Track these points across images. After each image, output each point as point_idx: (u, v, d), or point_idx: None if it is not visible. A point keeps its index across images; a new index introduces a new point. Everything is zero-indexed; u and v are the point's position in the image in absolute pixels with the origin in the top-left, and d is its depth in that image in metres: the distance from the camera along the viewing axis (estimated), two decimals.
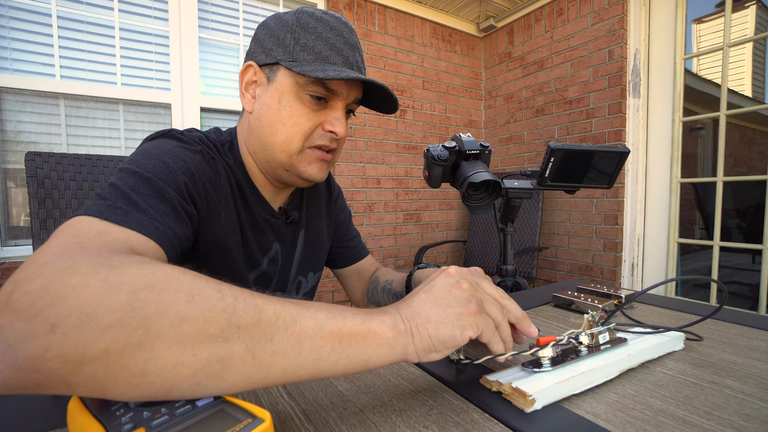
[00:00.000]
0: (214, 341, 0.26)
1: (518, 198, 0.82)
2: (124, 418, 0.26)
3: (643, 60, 2.12)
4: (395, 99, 0.59)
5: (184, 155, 0.52)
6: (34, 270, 0.27)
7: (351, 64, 0.56)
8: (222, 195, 0.57)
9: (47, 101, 1.67)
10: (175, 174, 0.49)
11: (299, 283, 0.72)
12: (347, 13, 2.34)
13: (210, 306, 0.27)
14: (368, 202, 2.45)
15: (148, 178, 0.46)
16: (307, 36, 0.54)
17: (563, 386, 0.37)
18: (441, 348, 0.33)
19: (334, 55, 0.54)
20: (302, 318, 0.30)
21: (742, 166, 1.94)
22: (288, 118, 0.55)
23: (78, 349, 0.23)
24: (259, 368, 0.28)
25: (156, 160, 0.49)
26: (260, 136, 0.58)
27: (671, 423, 0.33)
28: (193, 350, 0.26)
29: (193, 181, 0.51)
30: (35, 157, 0.77)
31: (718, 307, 0.49)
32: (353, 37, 0.57)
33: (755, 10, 1.85)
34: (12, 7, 1.59)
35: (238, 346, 0.27)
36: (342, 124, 0.57)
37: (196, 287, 0.28)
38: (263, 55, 0.57)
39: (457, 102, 2.85)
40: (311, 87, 0.54)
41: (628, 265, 2.17)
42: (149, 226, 0.42)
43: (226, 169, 0.59)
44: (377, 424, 0.33)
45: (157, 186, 0.46)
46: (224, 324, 0.27)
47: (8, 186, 1.62)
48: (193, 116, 1.97)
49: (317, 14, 0.56)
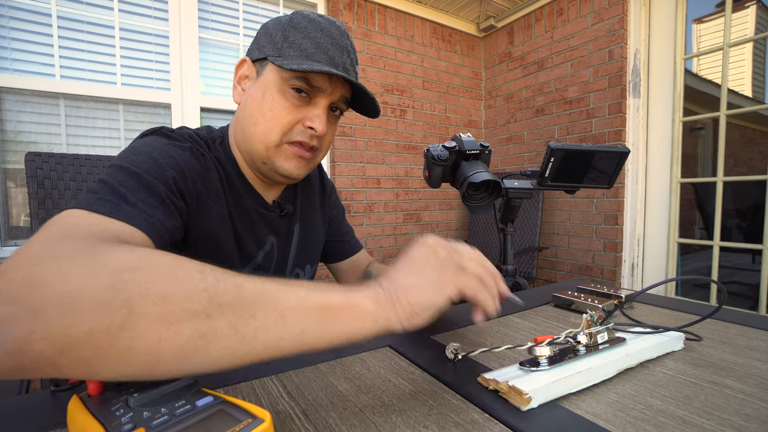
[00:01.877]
0: (197, 318, 0.27)
1: (518, 198, 0.82)
2: (124, 418, 0.26)
3: (643, 60, 2.12)
4: (373, 99, 0.60)
5: (173, 152, 0.53)
6: (18, 259, 0.28)
7: (336, 64, 0.57)
8: (213, 190, 0.58)
9: (47, 101, 1.67)
10: (164, 169, 0.50)
11: (296, 275, 0.73)
12: (347, 13, 2.34)
13: (192, 285, 0.28)
14: (368, 202, 2.45)
15: (136, 173, 0.47)
16: (296, 34, 0.56)
17: (560, 385, 0.37)
18: (423, 313, 0.34)
19: (319, 54, 0.56)
20: (285, 294, 0.31)
21: (742, 166, 1.94)
22: (269, 110, 0.56)
23: (63, 331, 0.24)
24: (242, 342, 0.29)
25: (145, 156, 0.50)
26: (243, 126, 0.59)
27: (671, 423, 0.33)
28: (176, 327, 0.27)
29: (182, 176, 0.52)
30: (35, 158, 0.77)
31: (718, 307, 0.49)
32: (344, 39, 0.58)
33: (755, 10, 1.85)
34: (12, 7, 1.59)
35: (220, 323, 0.28)
36: (321, 121, 0.57)
37: (177, 268, 0.29)
38: (256, 51, 0.59)
39: (457, 102, 2.85)
40: (294, 81, 0.55)
41: (628, 265, 2.17)
42: (138, 217, 0.42)
43: (215, 165, 0.60)
44: (377, 424, 0.33)
45: (145, 180, 0.47)
46: (206, 302, 0.28)
47: (8, 186, 1.62)
48: (193, 116, 1.97)
49: (311, 16, 0.58)
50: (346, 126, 2.35)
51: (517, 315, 0.65)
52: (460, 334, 0.56)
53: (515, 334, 0.56)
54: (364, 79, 2.42)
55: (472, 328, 0.59)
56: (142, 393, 0.28)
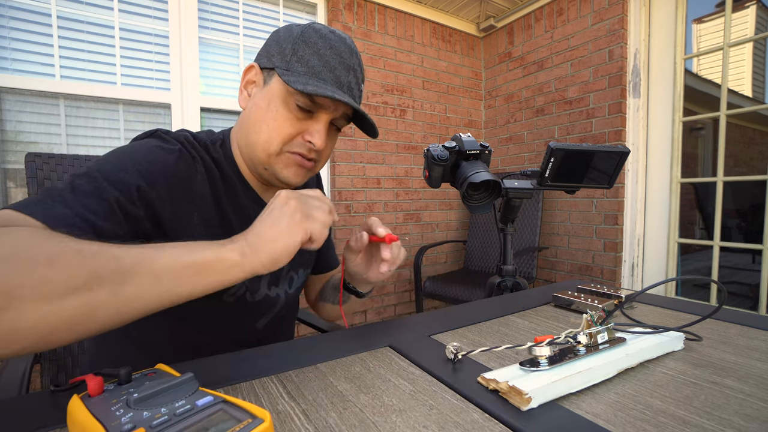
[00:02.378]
0: (79, 292, 0.32)
1: (518, 198, 0.82)
2: (124, 418, 0.26)
3: (643, 60, 2.12)
4: (373, 125, 0.62)
5: (154, 156, 0.54)
6: None
7: (341, 84, 0.58)
8: (197, 194, 0.58)
9: (47, 101, 1.67)
10: (129, 176, 0.50)
11: (291, 278, 0.73)
12: (347, 13, 2.34)
13: (69, 264, 0.33)
14: (368, 202, 2.45)
15: (95, 177, 0.48)
16: (306, 50, 0.57)
17: (560, 385, 0.37)
18: (282, 256, 0.42)
19: (326, 72, 0.57)
20: (159, 258, 0.37)
21: (742, 166, 1.94)
22: (272, 120, 0.58)
23: None
24: (125, 304, 0.35)
25: (116, 162, 0.51)
26: (247, 132, 0.61)
27: (671, 423, 0.33)
28: (59, 303, 0.32)
29: (150, 183, 0.52)
30: (35, 159, 0.77)
31: (718, 307, 0.49)
32: (353, 59, 0.60)
33: (755, 10, 1.85)
34: (12, 7, 1.59)
35: (101, 293, 0.33)
36: (321, 137, 0.59)
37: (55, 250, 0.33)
38: (265, 59, 0.60)
39: (457, 102, 2.85)
40: (298, 97, 0.57)
41: (628, 265, 2.17)
42: (57, 216, 0.42)
43: (210, 167, 0.61)
44: (377, 424, 0.33)
45: (99, 186, 0.47)
46: (86, 277, 0.33)
47: (8, 186, 1.62)
48: (193, 116, 1.97)
49: (323, 31, 0.58)
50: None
51: (517, 315, 0.66)
52: (460, 334, 0.56)
53: (515, 334, 0.56)
54: (365, 79, 2.42)
55: (472, 328, 0.59)
56: (142, 393, 0.28)
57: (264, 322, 0.68)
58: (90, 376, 0.31)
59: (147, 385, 0.30)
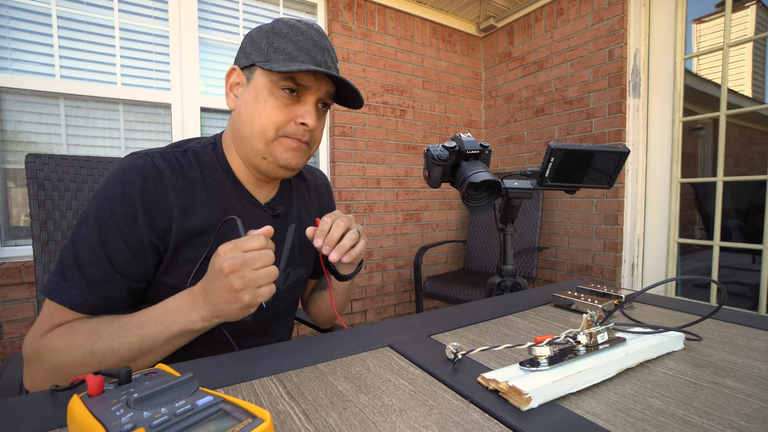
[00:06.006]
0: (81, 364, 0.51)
1: (518, 198, 0.82)
2: (124, 418, 0.26)
3: (643, 60, 2.12)
4: (356, 91, 0.65)
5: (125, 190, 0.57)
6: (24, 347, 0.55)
7: (318, 63, 0.62)
8: (173, 206, 0.60)
9: (47, 101, 1.67)
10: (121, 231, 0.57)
11: (288, 274, 0.75)
12: (347, 13, 2.33)
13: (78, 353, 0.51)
14: (368, 202, 2.45)
15: (91, 247, 0.55)
16: (279, 40, 0.61)
17: (560, 385, 0.37)
18: (238, 317, 0.52)
19: (303, 55, 0.61)
20: (144, 344, 0.52)
21: (742, 166, 1.94)
22: (263, 110, 0.61)
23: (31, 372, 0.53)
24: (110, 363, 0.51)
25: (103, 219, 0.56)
26: (240, 129, 0.64)
27: (671, 423, 0.33)
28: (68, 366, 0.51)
29: (131, 223, 0.57)
30: (35, 159, 0.77)
31: (718, 307, 0.49)
32: (323, 40, 0.64)
33: (755, 10, 1.85)
34: (12, 7, 1.59)
35: (93, 361, 0.51)
36: (312, 116, 0.62)
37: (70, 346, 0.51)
38: (244, 59, 0.64)
39: (457, 102, 2.85)
40: (282, 82, 0.60)
41: (628, 265, 2.17)
42: (78, 298, 0.54)
43: (196, 175, 0.63)
44: (377, 424, 0.33)
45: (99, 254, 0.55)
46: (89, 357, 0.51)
47: (8, 186, 1.62)
48: (193, 116, 1.97)
49: (291, 22, 0.63)
50: (346, 126, 2.35)
51: (517, 315, 0.66)
52: (460, 334, 0.56)
53: (515, 334, 0.56)
54: (365, 79, 2.42)
55: (472, 328, 0.59)
56: (142, 393, 0.28)
57: (250, 318, 0.69)
58: (90, 376, 0.31)
59: (147, 385, 0.30)
